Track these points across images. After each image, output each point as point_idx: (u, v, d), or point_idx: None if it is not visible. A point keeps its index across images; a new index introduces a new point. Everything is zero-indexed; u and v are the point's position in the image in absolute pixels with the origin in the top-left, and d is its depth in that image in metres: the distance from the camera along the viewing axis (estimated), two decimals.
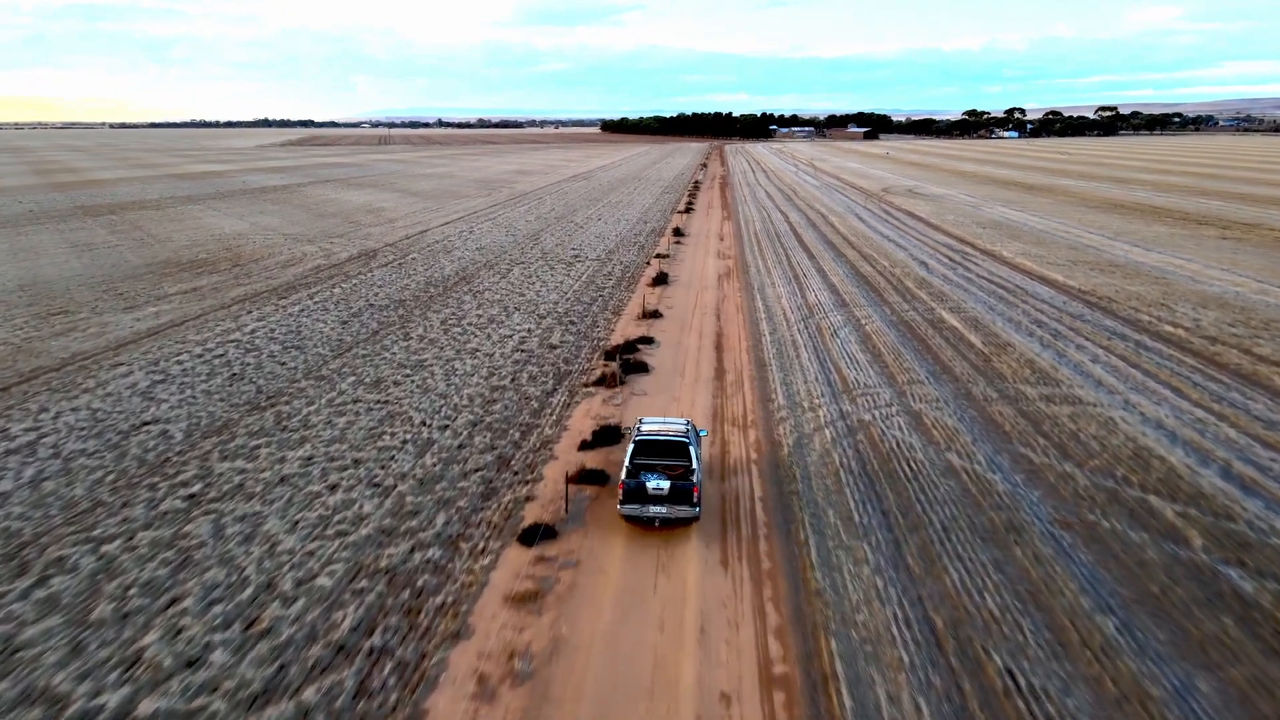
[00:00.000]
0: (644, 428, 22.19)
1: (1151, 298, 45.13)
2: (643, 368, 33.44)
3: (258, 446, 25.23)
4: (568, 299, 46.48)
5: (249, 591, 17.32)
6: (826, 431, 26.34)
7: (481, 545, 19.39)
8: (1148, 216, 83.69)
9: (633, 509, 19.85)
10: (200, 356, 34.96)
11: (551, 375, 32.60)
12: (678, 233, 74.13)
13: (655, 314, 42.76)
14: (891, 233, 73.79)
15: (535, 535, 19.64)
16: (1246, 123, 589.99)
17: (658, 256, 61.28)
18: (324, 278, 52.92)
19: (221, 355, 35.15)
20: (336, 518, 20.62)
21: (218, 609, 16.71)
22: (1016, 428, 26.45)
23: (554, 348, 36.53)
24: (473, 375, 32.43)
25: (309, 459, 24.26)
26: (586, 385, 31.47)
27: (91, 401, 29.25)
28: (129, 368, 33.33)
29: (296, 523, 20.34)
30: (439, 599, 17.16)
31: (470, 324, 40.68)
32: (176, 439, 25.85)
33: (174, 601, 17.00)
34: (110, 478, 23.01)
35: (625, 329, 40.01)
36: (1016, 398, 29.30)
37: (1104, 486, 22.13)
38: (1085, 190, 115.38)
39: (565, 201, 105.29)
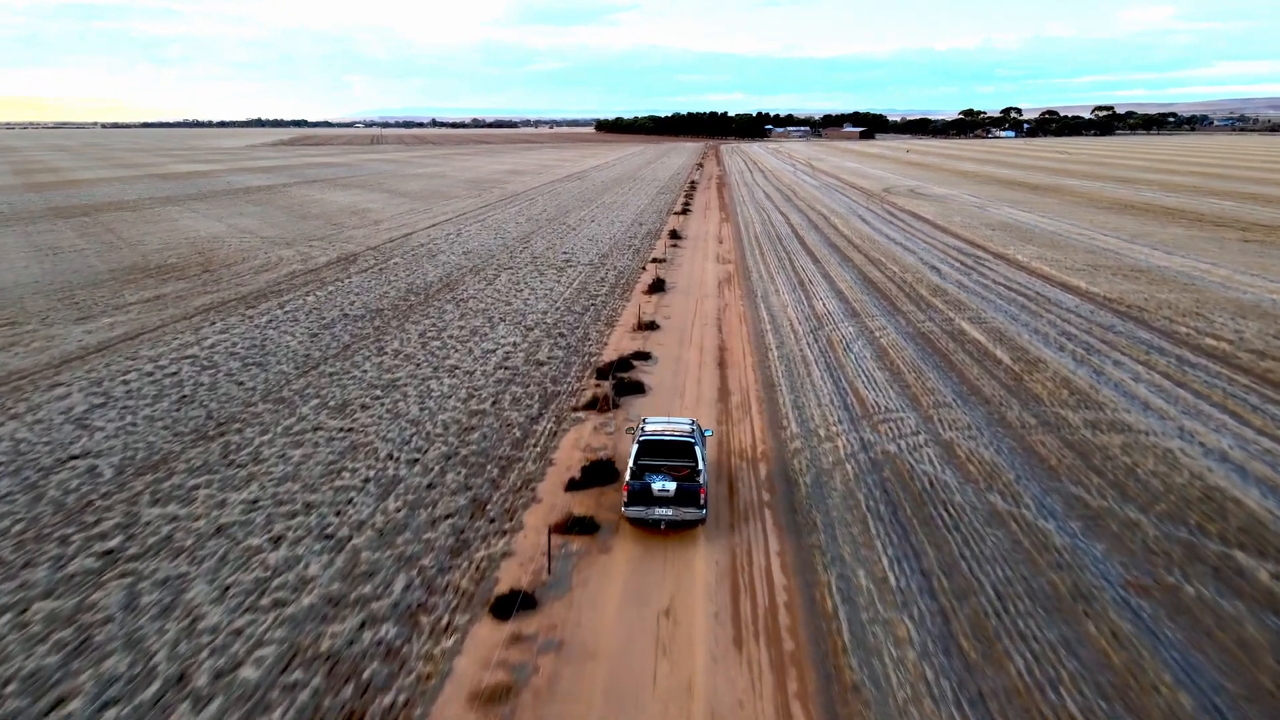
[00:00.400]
0: (648, 427, 21.49)
1: (1184, 306, 42.03)
2: (638, 388, 30.19)
3: (196, 487, 21.94)
4: (557, 309, 43.22)
5: (154, 688, 14.07)
6: (848, 466, 23.14)
7: (446, 619, 16.14)
8: (1162, 218, 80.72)
9: (638, 511, 19.16)
10: (150, 375, 31.62)
11: (537, 397, 29.34)
12: (674, 235, 70.94)
13: (652, 325, 39.52)
14: (898, 235, 70.67)
15: (511, 605, 16.41)
16: (1241, 122, 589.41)
17: (654, 261, 58.08)
18: (298, 284, 49.58)
19: (174, 374, 31.81)
20: (276, 581, 17.36)
21: (110, 715, 13.45)
22: (1064, 462, 23.28)
23: (541, 364, 33.28)
24: (450, 397, 29.17)
25: (254, 503, 20.97)
26: (576, 409, 28.22)
27: (17, 430, 25.92)
28: (68, 388, 29.98)
29: (227, 588, 17.07)
30: (388, 698, 13.93)
31: (451, 337, 37.41)
32: (105, 477, 22.55)
33: (59, 703, 13.74)
34: (18, 527, 19.71)
35: (619, 343, 36.78)
36: (1058, 424, 26.13)
37: (1177, 538, 18.97)
38: (1091, 190, 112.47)
39: (557, 203, 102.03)
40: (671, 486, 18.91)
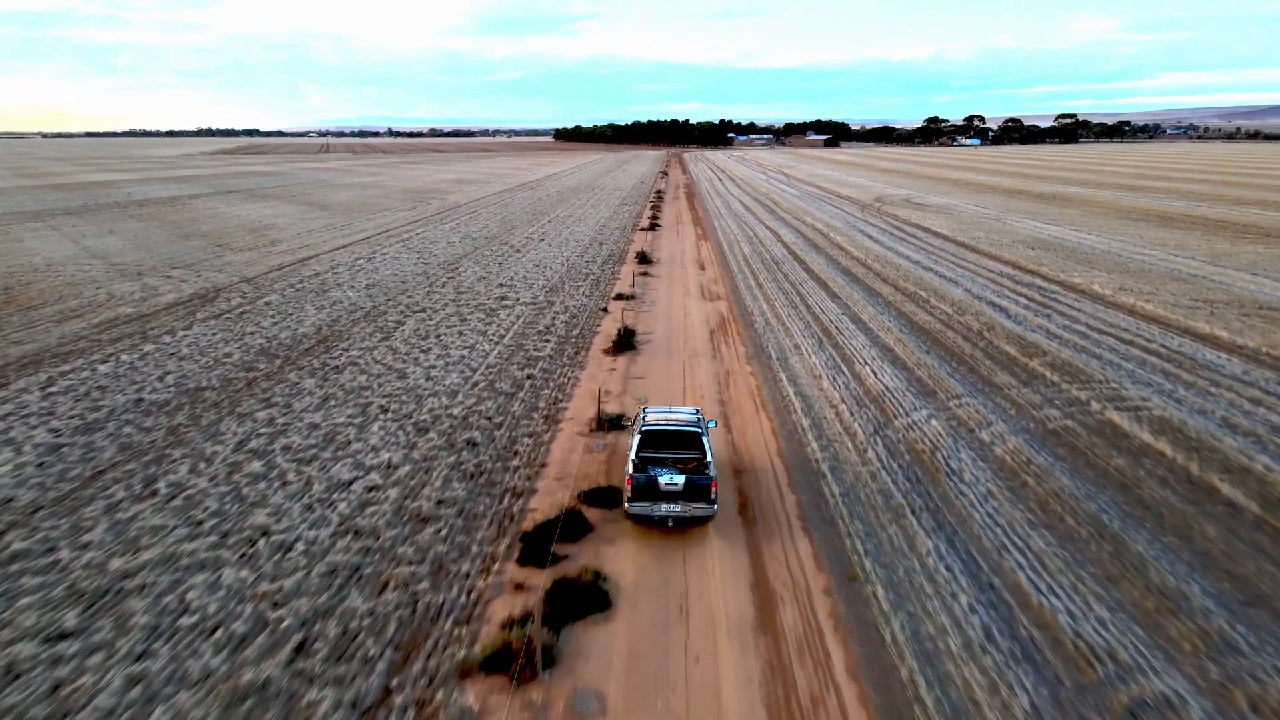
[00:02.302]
0: (649, 416, 19.96)
1: None
2: (599, 600, 15.32)
3: None
4: (474, 385, 28.36)
5: None
6: None
7: None
8: (1222, 232, 68.00)
9: (642, 508, 17.43)
10: None
11: (394, 628, 14.45)
12: (643, 259, 56.30)
13: (618, 423, 24.75)
14: (920, 256, 56.83)
15: None
16: (1193, 130, 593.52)
17: (618, 298, 43.42)
18: (106, 340, 34.13)
19: None
20: None
21: None
22: None
23: (423, 522, 18.39)
24: (210, 634, 14.19)
25: None
26: (466, 671, 13.37)
27: None
28: None
29: None
30: None
31: (287, 450, 22.39)
32: None
33: None
34: None
35: (566, 459, 22.02)
36: None
37: None
38: (1106, 199, 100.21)
39: (503, 216, 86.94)
40: (680, 480, 17.31)
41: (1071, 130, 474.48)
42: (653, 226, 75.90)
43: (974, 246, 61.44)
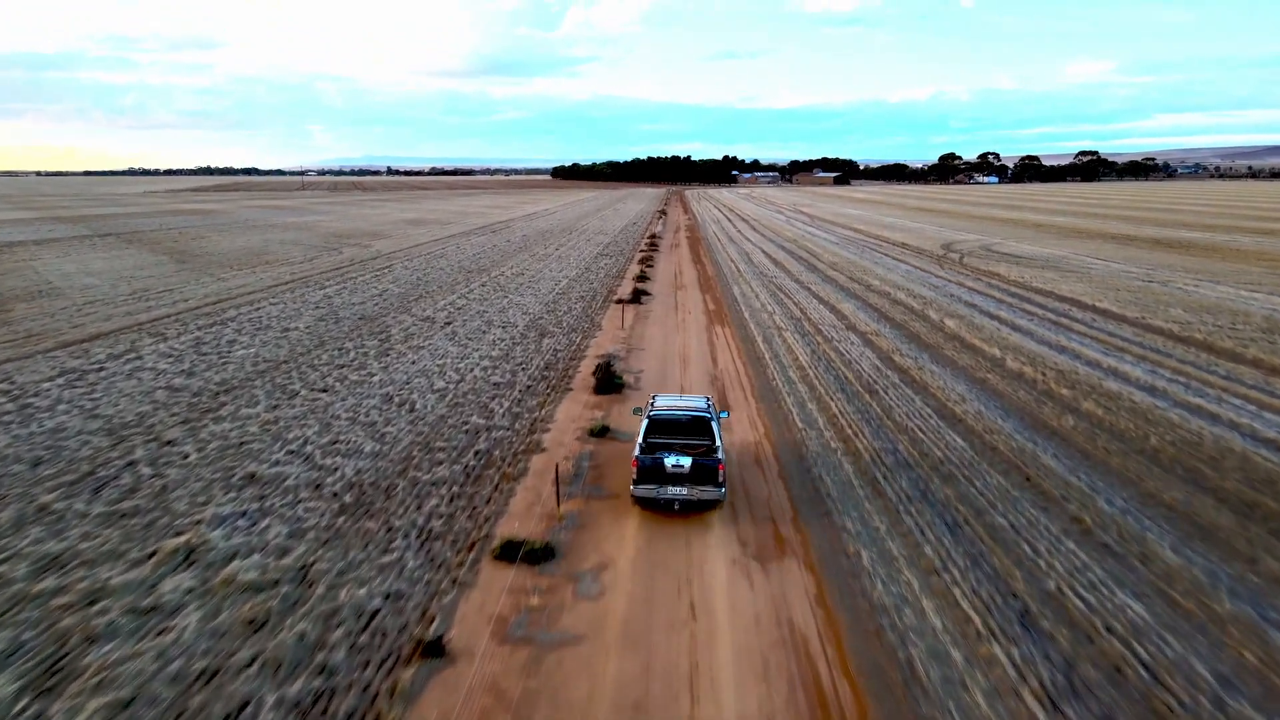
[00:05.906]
0: (658, 403, 19.67)
1: None
2: None
3: None
4: None
5: None
6: None
7: None
8: None
9: (648, 490, 17.20)
10: None
11: None
12: (605, 381, 28.78)
13: None
14: (1137, 370, 29.55)
15: None
16: (1202, 170, 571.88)
17: (501, 555, 15.82)
18: None
19: None
20: None
21: None
22: None
23: None
24: None
25: None
26: None
27: None
28: None
29: None
30: None
31: None
32: None
33: None
34: None
35: None
36: None
37: None
38: (1264, 249, 73.30)
39: (423, 274, 59.80)
40: (686, 462, 16.83)
41: (1092, 168, 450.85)
42: (637, 297, 48.51)
43: (1208, 343, 34.16)
